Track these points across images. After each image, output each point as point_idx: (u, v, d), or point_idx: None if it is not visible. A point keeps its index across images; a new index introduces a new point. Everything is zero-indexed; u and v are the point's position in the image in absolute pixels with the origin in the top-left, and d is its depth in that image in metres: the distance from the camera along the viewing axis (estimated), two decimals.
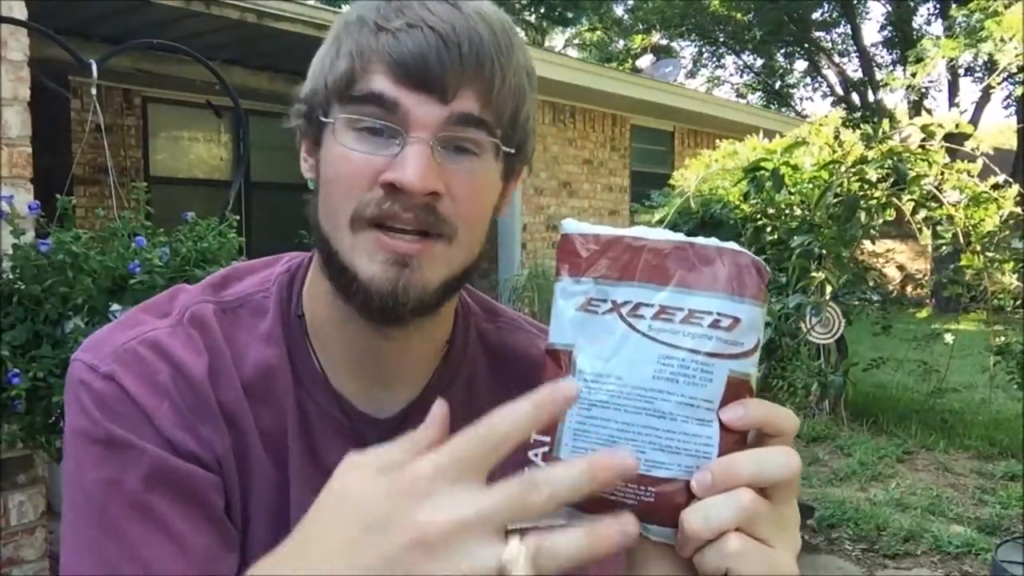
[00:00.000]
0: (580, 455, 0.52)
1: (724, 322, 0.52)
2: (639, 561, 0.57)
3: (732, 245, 0.53)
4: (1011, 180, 3.84)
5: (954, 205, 3.80)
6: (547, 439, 0.53)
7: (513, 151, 0.70)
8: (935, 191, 3.81)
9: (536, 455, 0.53)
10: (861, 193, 3.66)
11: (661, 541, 0.54)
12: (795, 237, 3.66)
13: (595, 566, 0.73)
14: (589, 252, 0.54)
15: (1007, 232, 3.82)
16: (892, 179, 3.75)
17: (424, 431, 0.50)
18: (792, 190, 4.20)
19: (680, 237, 0.53)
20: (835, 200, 3.62)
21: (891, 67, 18.13)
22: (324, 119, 0.68)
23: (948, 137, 3.90)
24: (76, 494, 0.67)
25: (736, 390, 0.52)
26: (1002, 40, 10.40)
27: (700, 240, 0.53)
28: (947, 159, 3.82)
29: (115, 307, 2.35)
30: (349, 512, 0.46)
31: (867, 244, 4.68)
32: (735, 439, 0.53)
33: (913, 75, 13.21)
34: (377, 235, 0.65)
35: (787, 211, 4.17)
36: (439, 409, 0.51)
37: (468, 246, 0.69)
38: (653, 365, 0.52)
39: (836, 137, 4.07)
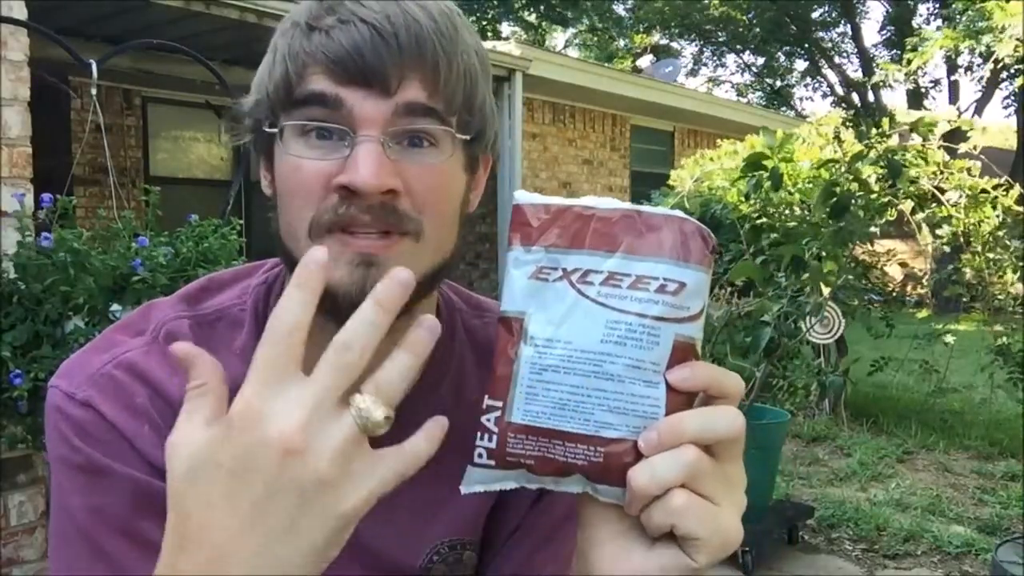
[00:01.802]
0: (532, 418, 0.54)
1: (670, 287, 0.53)
2: (589, 523, 0.57)
3: (678, 213, 0.54)
4: (1011, 181, 3.84)
5: (954, 206, 3.80)
6: (499, 403, 0.54)
7: (471, 138, 0.67)
8: (934, 191, 3.81)
9: (489, 420, 0.55)
10: (859, 192, 3.65)
11: (610, 502, 0.55)
12: (793, 236, 3.66)
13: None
14: (540, 222, 0.55)
15: (1005, 231, 3.82)
16: (890, 181, 3.74)
17: (193, 374, 0.50)
18: (791, 189, 4.20)
19: (628, 205, 0.55)
20: (832, 200, 3.62)
21: (890, 64, 18.13)
22: (270, 129, 0.65)
23: (947, 137, 3.90)
24: (64, 520, 0.67)
25: (682, 353, 0.54)
26: (1002, 30, 10.36)
27: (647, 208, 0.55)
28: (946, 158, 3.82)
29: (115, 307, 2.35)
30: (205, 473, 0.46)
31: (867, 243, 4.68)
32: (682, 401, 0.54)
33: (909, 62, 13.19)
34: (339, 237, 0.63)
35: (786, 211, 4.17)
36: (183, 348, 0.51)
37: (437, 243, 0.67)
38: (602, 329, 0.53)
39: (836, 136, 4.06)
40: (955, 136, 4.11)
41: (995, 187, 3.77)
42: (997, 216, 3.73)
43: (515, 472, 0.55)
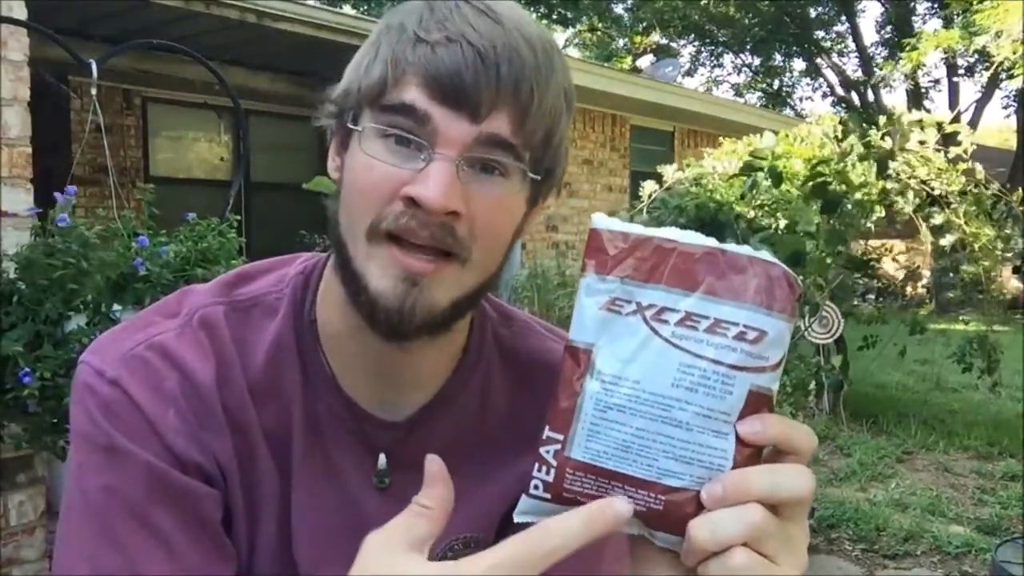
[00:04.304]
0: (593, 456, 0.52)
1: (750, 335, 0.51)
2: (643, 565, 0.57)
3: (765, 255, 0.52)
4: (1003, 190, 3.85)
5: (953, 210, 3.81)
6: (560, 436, 0.53)
7: (541, 176, 0.68)
8: (929, 192, 3.81)
9: (548, 452, 0.53)
10: (849, 189, 3.66)
11: (667, 547, 0.54)
12: (788, 236, 3.66)
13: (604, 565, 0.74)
14: (617, 250, 0.53)
15: (1005, 232, 3.82)
16: (881, 181, 3.75)
17: (428, 493, 0.52)
18: (788, 188, 4.21)
19: (712, 242, 0.52)
20: (824, 199, 3.62)
21: (890, 62, 18.13)
22: (352, 126, 0.66)
23: (946, 140, 3.91)
24: (77, 497, 0.67)
25: (756, 405, 0.52)
26: (997, 35, 10.37)
27: (732, 247, 0.52)
28: (943, 159, 3.83)
29: (116, 307, 2.35)
30: None
31: (865, 241, 4.68)
32: (750, 453, 0.52)
33: (908, 61, 13.19)
34: (392, 251, 0.64)
35: (782, 210, 4.17)
36: (434, 467, 0.53)
37: (482, 268, 0.68)
38: (673, 373, 0.51)
39: (836, 136, 4.07)
40: (952, 139, 4.11)
41: (1001, 191, 3.78)
42: (996, 221, 3.74)
43: (570, 508, 0.54)
